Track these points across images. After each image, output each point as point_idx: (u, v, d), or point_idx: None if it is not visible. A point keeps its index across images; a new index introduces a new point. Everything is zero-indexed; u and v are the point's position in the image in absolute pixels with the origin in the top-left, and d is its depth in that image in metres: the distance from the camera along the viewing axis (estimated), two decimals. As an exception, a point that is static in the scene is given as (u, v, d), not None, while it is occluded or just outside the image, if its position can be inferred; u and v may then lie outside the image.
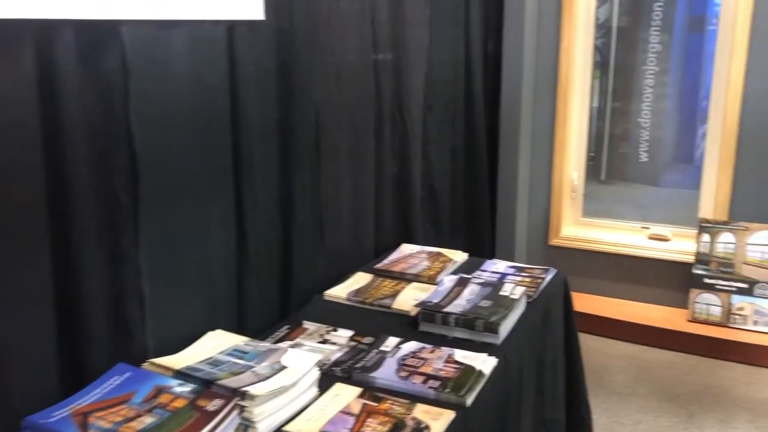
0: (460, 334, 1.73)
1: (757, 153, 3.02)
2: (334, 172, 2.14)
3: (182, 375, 1.39)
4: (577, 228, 3.53)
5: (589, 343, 3.11)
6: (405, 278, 2.13)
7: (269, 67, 1.78)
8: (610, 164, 6.09)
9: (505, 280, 2.07)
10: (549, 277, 2.12)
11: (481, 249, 3.17)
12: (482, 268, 2.22)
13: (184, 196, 1.55)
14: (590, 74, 3.43)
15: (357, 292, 2.02)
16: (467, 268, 2.23)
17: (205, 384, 1.36)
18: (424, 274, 2.13)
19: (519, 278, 2.10)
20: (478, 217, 3.18)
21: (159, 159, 1.46)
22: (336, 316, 1.89)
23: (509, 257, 3.35)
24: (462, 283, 1.97)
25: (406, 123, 2.53)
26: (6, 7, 1.13)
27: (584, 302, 3.34)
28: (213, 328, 1.63)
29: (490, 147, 3.23)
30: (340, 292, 2.03)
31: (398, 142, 2.53)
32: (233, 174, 1.70)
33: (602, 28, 6.21)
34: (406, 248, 2.41)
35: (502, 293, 1.89)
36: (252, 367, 1.44)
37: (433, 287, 2.00)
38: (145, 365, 1.44)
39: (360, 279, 2.13)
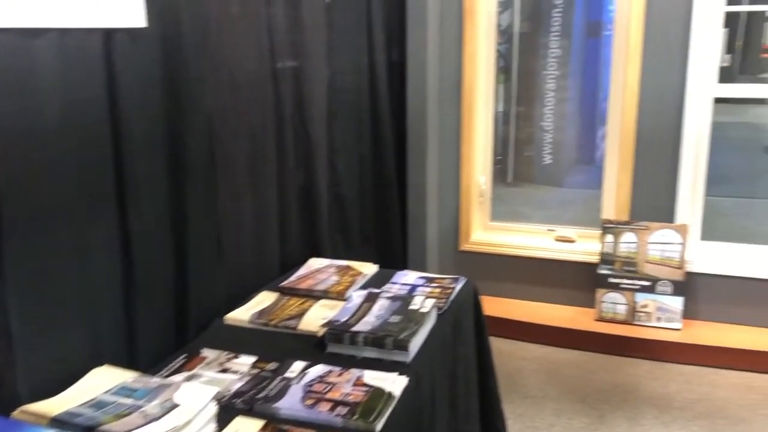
0: (369, 353, 1.66)
1: (654, 154, 3.12)
2: (232, 186, 2.02)
3: (59, 422, 1.25)
4: (486, 232, 3.54)
5: (501, 347, 3.13)
6: (313, 295, 2.04)
7: (155, 77, 1.65)
8: (516, 167, 6.23)
9: (415, 293, 2.02)
10: (459, 286, 2.08)
11: (393, 257, 3.12)
12: (392, 280, 2.16)
13: (58, 221, 1.40)
14: (493, 79, 3.45)
15: (261, 313, 1.91)
16: (377, 280, 2.17)
17: (85, 431, 1.22)
18: (333, 290, 2.05)
19: (429, 289, 2.05)
20: (389, 225, 3.13)
21: (25, 180, 1.31)
22: (238, 341, 1.77)
23: (421, 264, 3.32)
24: (371, 299, 1.89)
25: (309, 132, 2.44)
26: None
27: (495, 306, 3.35)
28: (99, 364, 1.48)
29: (397, 153, 3.19)
30: (242, 314, 1.91)
31: (302, 151, 2.43)
32: (116, 193, 1.55)
33: (505, 34, 6.36)
34: (314, 263, 2.32)
35: (411, 307, 1.83)
36: (141, 407, 1.31)
37: (342, 304, 1.92)
38: (16, 414, 1.28)
39: (264, 299, 2.02)
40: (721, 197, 5.68)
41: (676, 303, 3.10)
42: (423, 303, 1.84)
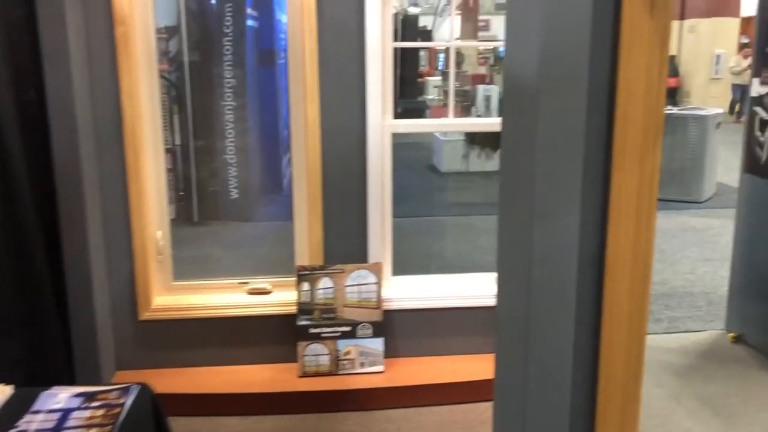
0: None
1: (341, 193, 2.99)
2: None
3: None
4: (169, 295, 3.07)
5: (198, 429, 2.71)
6: None
7: None
8: (202, 204, 5.79)
9: (68, 423, 1.50)
10: (130, 400, 1.62)
11: (50, 352, 2.48)
12: (34, 407, 1.59)
13: None
14: (160, 119, 3.00)
15: None
16: (11, 411, 1.58)
17: None
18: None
19: (88, 414, 1.55)
20: (39, 309, 2.48)
21: None
22: None
23: (90, 348, 2.73)
24: (-4, 454, 1.34)
25: None
26: None
27: (189, 380, 2.92)
28: None
29: (44, 217, 2.55)
30: None
31: None
32: None
33: (175, 62, 5.88)
34: None
35: (59, 456, 1.33)
36: None
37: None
38: None
39: None
40: (401, 218, 5.98)
41: (377, 345, 3.01)
42: (76, 446, 1.35)
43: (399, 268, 3.25)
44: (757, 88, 3.43)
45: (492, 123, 3.27)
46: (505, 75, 1.66)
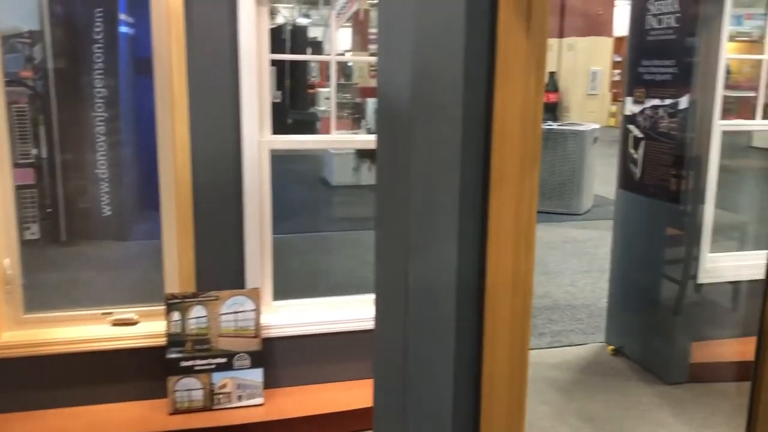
0: None
1: (214, 214, 2.79)
2: None
3: None
4: (20, 330, 2.74)
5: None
6: None
7: None
8: (71, 222, 5.35)
9: None
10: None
11: None
12: None
13: None
14: (6, 133, 2.69)
15: None
16: None
17: None
18: None
19: None
20: None
21: None
22: None
23: None
24: None
25: None
26: None
27: (43, 424, 2.62)
28: None
29: None
30: None
31: None
32: None
33: (39, 70, 5.42)
34: None
35: None
36: None
37: None
38: None
39: None
40: (289, 234, 5.80)
41: (256, 376, 2.83)
42: None
43: (285, 288, 3.09)
44: (630, 107, 3.54)
45: (372, 140, 3.18)
46: (378, 100, 1.56)
